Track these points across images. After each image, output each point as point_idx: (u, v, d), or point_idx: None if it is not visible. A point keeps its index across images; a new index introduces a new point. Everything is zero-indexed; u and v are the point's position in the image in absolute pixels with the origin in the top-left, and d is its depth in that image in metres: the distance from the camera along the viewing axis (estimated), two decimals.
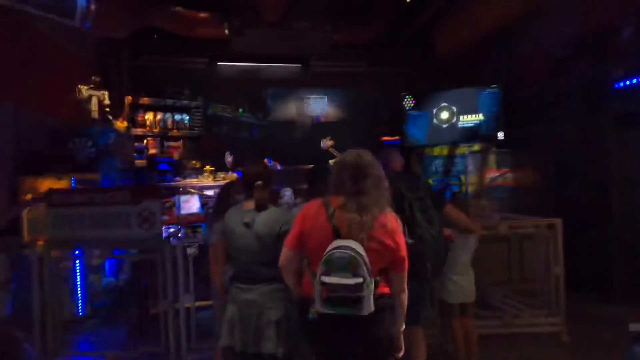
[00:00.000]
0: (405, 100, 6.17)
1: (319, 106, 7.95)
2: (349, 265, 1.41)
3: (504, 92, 5.56)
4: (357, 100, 7.79)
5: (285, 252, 1.72)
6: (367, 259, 1.45)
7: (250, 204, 2.10)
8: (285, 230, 1.95)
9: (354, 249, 1.45)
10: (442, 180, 5.51)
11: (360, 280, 1.39)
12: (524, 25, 4.97)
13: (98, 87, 5.08)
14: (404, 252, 1.61)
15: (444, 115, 6.01)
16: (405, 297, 1.67)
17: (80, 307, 4.04)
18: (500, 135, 5.55)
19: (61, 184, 4.15)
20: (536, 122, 5.15)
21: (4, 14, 3.28)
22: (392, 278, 1.64)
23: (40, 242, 3.27)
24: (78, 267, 3.89)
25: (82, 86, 4.93)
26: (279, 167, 6.38)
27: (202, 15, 5.94)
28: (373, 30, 6.50)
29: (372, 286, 1.46)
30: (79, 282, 3.94)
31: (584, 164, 4.57)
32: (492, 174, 5.21)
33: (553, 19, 4.65)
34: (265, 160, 6.28)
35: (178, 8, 5.73)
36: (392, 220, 1.61)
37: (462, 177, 5.25)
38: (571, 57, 4.51)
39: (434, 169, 5.90)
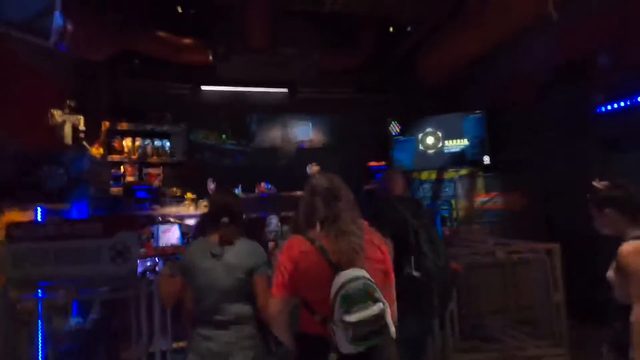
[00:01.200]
0: (391, 125, 6.18)
1: (303, 132, 7.88)
2: (367, 294, 1.31)
3: (488, 117, 5.65)
4: (342, 126, 7.78)
5: (275, 304, 1.52)
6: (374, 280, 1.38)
7: (216, 238, 1.88)
8: (261, 264, 1.79)
9: (362, 275, 1.35)
10: (432, 205, 5.43)
11: (381, 305, 1.31)
12: (506, 52, 5.12)
13: (73, 111, 4.82)
14: (390, 262, 1.58)
15: (430, 140, 6.03)
16: (395, 308, 1.57)
17: (40, 354, 3.58)
18: (487, 159, 5.58)
19: (26, 215, 3.80)
20: (522, 146, 5.20)
21: None
22: (383, 291, 1.51)
23: None
24: (39, 309, 3.47)
25: (55, 110, 4.67)
26: (264, 194, 6.18)
27: (186, 41, 5.86)
28: (358, 57, 6.59)
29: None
30: (39, 326, 3.51)
31: (570, 186, 4.58)
32: (481, 198, 5.18)
33: (534, 46, 4.80)
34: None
35: (161, 33, 5.64)
36: (374, 234, 1.59)
37: (452, 202, 5.19)
38: (553, 83, 4.63)
39: (422, 193, 5.84)
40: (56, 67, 4.90)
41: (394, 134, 6.18)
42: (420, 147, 6.06)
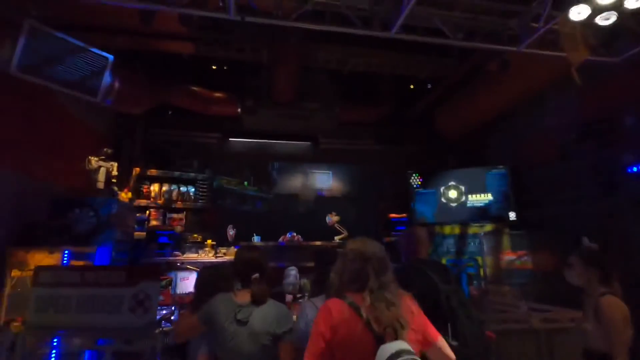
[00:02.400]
0: (412, 177, 6.18)
1: (323, 181, 7.98)
2: None
3: (511, 172, 5.58)
4: (362, 176, 7.85)
5: None
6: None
7: (244, 296, 1.82)
8: (287, 330, 1.72)
9: (408, 350, 1.30)
10: (457, 262, 5.21)
11: None
12: (529, 109, 5.18)
13: (108, 158, 5.10)
14: (431, 325, 1.53)
15: (453, 193, 5.96)
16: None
17: None
18: (512, 215, 5.43)
19: (53, 257, 3.89)
20: (549, 203, 5.05)
21: (22, 85, 3.34)
22: (437, 349, 1.49)
23: (17, 324, 2.91)
24: (53, 357, 3.42)
25: (92, 157, 4.95)
26: (282, 243, 6.14)
27: (217, 95, 6.26)
28: (379, 111, 6.81)
29: None
30: None
31: (605, 246, 4.35)
32: (508, 256, 4.95)
33: (557, 104, 4.85)
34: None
35: (195, 87, 6.07)
36: (411, 302, 1.53)
37: (478, 259, 4.97)
38: (577, 141, 4.59)
39: (445, 249, 5.64)
40: (98, 119, 5.30)
41: (415, 186, 6.15)
42: (443, 200, 5.98)
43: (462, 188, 5.87)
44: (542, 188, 5.18)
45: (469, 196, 5.82)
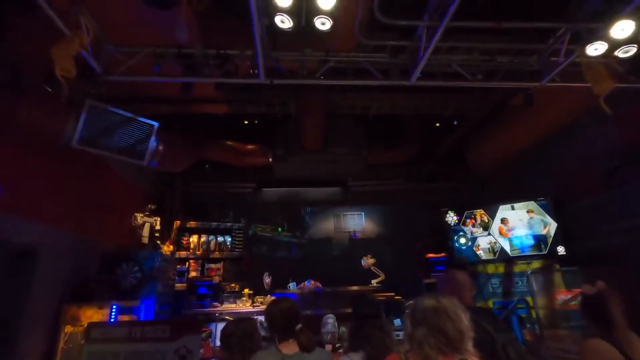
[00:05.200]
0: (448, 215, 6.02)
1: (356, 223, 7.95)
2: None
3: (553, 204, 5.32)
4: (395, 216, 7.76)
5: None
6: None
7: (289, 346, 1.84)
8: None
9: None
10: (505, 304, 4.85)
11: None
12: (564, 138, 5.02)
13: (152, 213, 5.46)
14: None
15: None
16: None
17: None
18: (561, 250, 5.08)
19: (102, 312, 4.09)
20: (599, 235, 4.71)
21: (78, 152, 3.75)
22: None
23: None
24: None
25: (138, 214, 5.32)
26: (318, 290, 6.06)
27: (250, 147, 6.63)
28: (406, 151, 6.87)
29: None
30: None
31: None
32: (562, 295, 4.57)
33: (592, 132, 4.68)
34: (305, 282, 6.09)
35: (229, 142, 6.48)
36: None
37: (529, 299, 4.62)
38: (621, 167, 4.36)
39: (490, 290, 5.31)
40: (142, 178, 5.76)
41: (451, 224, 5.98)
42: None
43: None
44: (589, 219, 4.86)
45: (512, 232, 5.55)
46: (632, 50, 2.99)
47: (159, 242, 5.47)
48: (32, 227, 3.59)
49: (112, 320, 3.94)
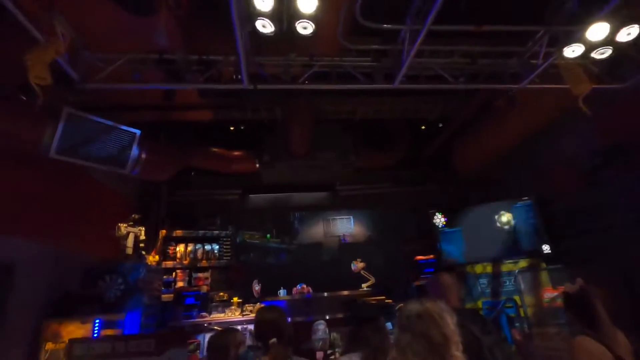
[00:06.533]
0: (436, 217, 6.06)
1: (345, 227, 7.94)
2: None
3: (537, 203, 5.40)
4: (383, 219, 7.78)
5: None
6: None
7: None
8: None
9: None
10: (494, 304, 4.89)
11: None
12: (545, 138, 5.12)
13: (136, 223, 5.32)
14: None
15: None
16: None
17: None
18: (546, 248, 5.16)
19: (85, 327, 3.95)
20: (582, 233, 4.80)
21: (56, 163, 3.63)
22: None
23: None
24: None
25: (121, 224, 5.18)
26: (309, 295, 6.00)
27: (236, 153, 6.54)
28: (393, 154, 6.90)
29: None
30: None
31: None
32: (549, 293, 4.63)
33: (573, 133, 4.79)
34: (297, 286, 6.02)
35: (215, 149, 6.39)
36: None
37: (516, 299, 4.67)
38: (601, 167, 4.46)
39: (479, 290, 5.35)
40: (125, 186, 5.62)
41: (439, 225, 6.01)
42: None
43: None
44: (572, 217, 4.96)
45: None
46: (607, 51, 3.09)
47: (144, 252, 5.32)
48: (8, 241, 3.44)
49: (95, 335, 3.80)
